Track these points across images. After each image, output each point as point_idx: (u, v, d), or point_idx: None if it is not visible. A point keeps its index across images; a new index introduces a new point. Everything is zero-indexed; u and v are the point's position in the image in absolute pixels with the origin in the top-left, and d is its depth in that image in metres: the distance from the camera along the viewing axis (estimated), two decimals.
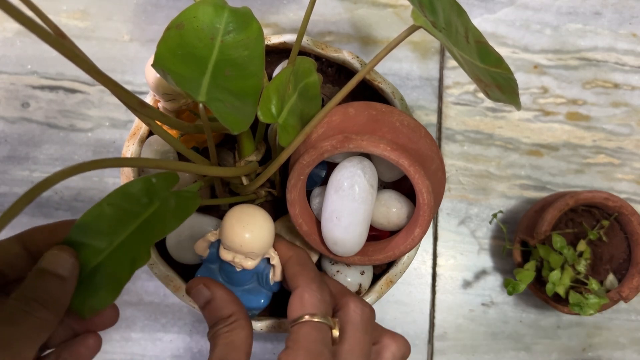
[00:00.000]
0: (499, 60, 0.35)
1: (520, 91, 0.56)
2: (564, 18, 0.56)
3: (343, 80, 0.43)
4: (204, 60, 0.31)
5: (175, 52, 0.30)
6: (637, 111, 0.56)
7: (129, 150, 0.40)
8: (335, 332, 0.33)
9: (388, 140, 0.34)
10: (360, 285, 0.40)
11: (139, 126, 0.41)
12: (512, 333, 0.55)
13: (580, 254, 0.49)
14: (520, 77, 0.56)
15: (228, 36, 0.32)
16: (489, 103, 0.55)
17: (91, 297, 0.28)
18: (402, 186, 0.39)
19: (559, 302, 0.49)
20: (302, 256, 0.37)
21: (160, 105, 0.40)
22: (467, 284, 0.55)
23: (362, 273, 0.40)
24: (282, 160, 0.34)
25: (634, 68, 0.56)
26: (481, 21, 0.56)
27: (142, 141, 0.41)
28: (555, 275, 0.48)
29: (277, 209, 0.42)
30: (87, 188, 0.54)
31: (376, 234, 0.39)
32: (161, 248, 0.41)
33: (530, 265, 0.49)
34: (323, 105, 0.40)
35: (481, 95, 0.55)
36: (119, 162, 0.29)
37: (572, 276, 0.48)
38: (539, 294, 0.50)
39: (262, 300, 0.38)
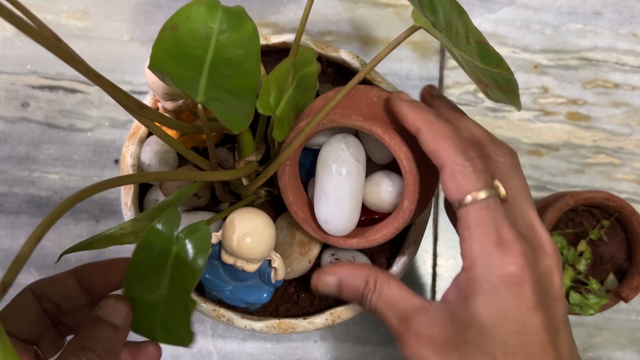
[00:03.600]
0: (499, 61, 0.35)
1: (520, 91, 0.56)
2: (564, 18, 0.56)
3: (343, 80, 0.43)
4: (200, 61, 0.31)
5: (170, 54, 0.30)
6: (637, 111, 0.56)
7: (129, 150, 0.40)
8: (503, 192, 0.31)
9: (360, 112, 0.34)
10: None
11: (138, 126, 0.41)
12: None
13: (581, 254, 0.49)
14: (520, 77, 0.56)
15: (223, 35, 0.32)
16: (489, 103, 0.55)
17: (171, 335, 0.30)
18: (396, 168, 0.39)
19: None
20: (435, 124, 0.32)
21: (160, 105, 0.40)
22: None
23: None
24: (282, 160, 0.34)
25: (634, 68, 0.56)
26: (481, 21, 0.56)
27: (142, 141, 0.41)
28: None
29: (277, 208, 0.42)
30: None
31: (379, 217, 0.39)
32: None
33: None
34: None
35: (481, 95, 0.55)
36: (142, 178, 0.29)
37: (573, 276, 0.48)
38: None
39: (265, 295, 0.38)
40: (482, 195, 0.30)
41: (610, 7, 0.56)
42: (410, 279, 0.54)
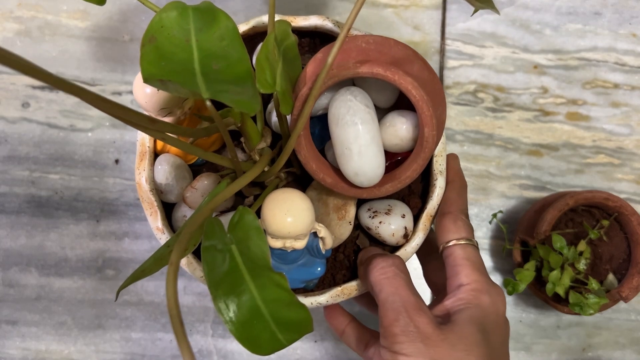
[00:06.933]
0: None
1: (520, 91, 0.56)
2: (564, 18, 0.56)
3: (319, 47, 0.43)
4: (189, 63, 0.31)
5: (158, 65, 0.31)
6: (637, 111, 0.56)
7: (142, 176, 0.40)
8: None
9: (356, 61, 0.34)
10: (405, 228, 0.40)
11: (143, 150, 0.41)
12: (512, 333, 0.55)
13: (580, 254, 0.49)
14: (520, 77, 0.56)
15: (201, 33, 0.33)
16: (488, 103, 0.55)
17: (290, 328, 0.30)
18: (402, 107, 0.39)
19: (559, 302, 0.49)
20: (463, 186, 0.40)
21: None
22: None
23: (403, 216, 0.40)
24: (299, 130, 0.34)
25: (634, 68, 0.56)
26: (481, 21, 0.56)
27: (152, 163, 0.41)
28: (555, 275, 0.48)
29: (301, 185, 0.42)
30: (87, 188, 0.54)
31: (401, 157, 0.39)
32: (198, 251, 0.41)
33: (530, 265, 0.49)
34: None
35: (481, 95, 0.55)
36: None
37: (572, 276, 0.48)
38: (539, 294, 0.50)
39: (319, 269, 0.39)
40: (475, 243, 0.37)
41: (610, 8, 0.56)
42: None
